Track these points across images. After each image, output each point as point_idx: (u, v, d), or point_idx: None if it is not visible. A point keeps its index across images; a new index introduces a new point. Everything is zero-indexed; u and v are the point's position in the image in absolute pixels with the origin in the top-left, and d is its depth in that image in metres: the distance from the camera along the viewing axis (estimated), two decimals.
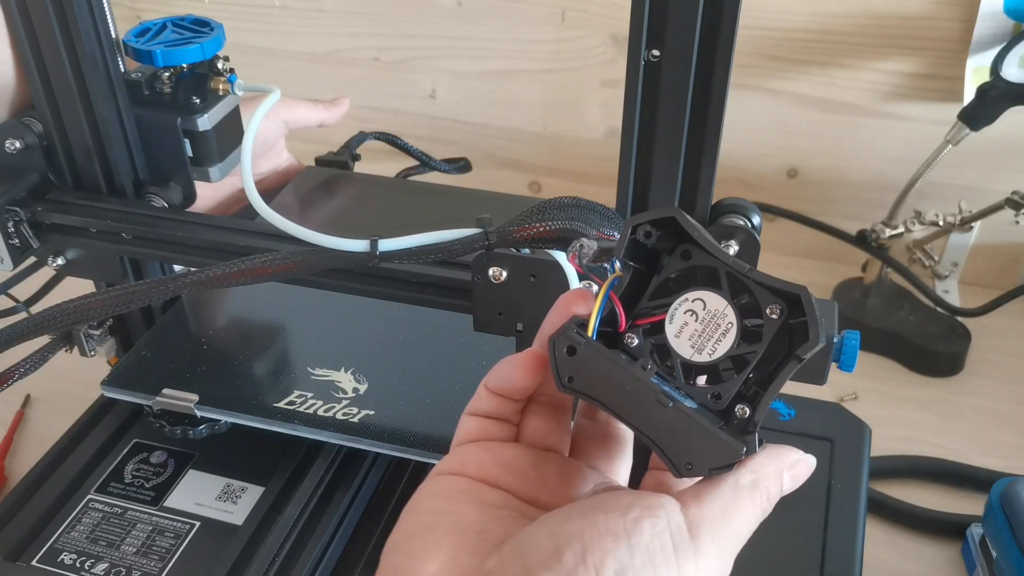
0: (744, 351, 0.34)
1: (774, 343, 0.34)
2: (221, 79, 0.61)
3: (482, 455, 0.36)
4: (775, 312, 0.34)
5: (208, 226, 0.57)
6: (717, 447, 0.32)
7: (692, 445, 0.32)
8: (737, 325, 0.34)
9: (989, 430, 0.79)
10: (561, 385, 0.34)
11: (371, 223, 0.70)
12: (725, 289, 0.35)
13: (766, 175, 0.96)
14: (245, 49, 1.05)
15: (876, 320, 0.87)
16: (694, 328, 0.35)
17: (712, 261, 0.35)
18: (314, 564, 0.55)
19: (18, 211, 0.58)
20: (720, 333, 0.34)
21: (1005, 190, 0.81)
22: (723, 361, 0.34)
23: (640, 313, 0.36)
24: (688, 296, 0.35)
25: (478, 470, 0.36)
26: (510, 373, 0.36)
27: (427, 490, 0.36)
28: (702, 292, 0.35)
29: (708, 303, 0.35)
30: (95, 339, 0.65)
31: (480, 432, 0.37)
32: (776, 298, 0.34)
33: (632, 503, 0.32)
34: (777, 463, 0.34)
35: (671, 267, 0.36)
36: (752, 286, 0.34)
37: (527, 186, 1.06)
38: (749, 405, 0.34)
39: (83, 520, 0.58)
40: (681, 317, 0.35)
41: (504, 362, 0.37)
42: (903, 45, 0.86)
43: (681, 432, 0.33)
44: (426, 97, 1.04)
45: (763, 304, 0.34)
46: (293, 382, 0.61)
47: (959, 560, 0.68)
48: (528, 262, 0.48)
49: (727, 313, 0.34)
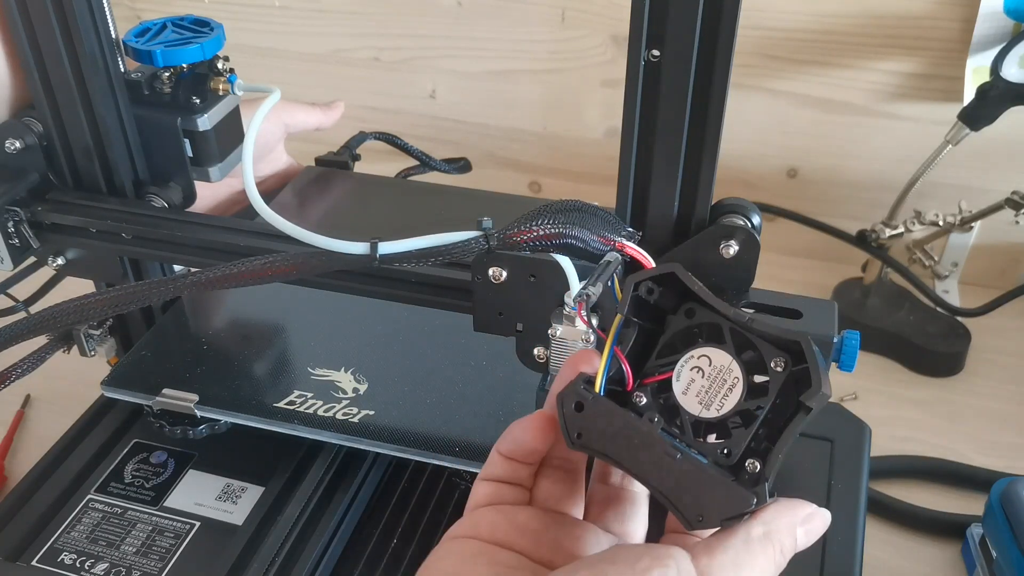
0: (752, 405, 0.34)
1: (782, 395, 0.34)
2: (221, 79, 0.61)
3: (495, 518, 0.36)
4: (779, 365, 0.34)
5: (208, 226, 0.57)
6: (727, 497, 0.32)
7: (702, 496, 0.33)
8: (743, 380, 0.35)
9: (989, 430, 0.79)
10: (570, 441, 0.34)
11: (371, 223, 0.70)
12: (729, 345, 0.35)
13: (766, 175, 0.96)
14: (245, 49, 1.05)
15: (876, 320, 0.87)
16: (701, 384, 0.35)
17: (715, 318, 0.35)
18: (314, 564, 0.55)
19: (18, 211, 0.58)
20: (727, 388, 0.35)
21: (1005, 190, 0.81)
22: (731, 416, 0.35)
23: (647, 372, 0.37)
24: (694, 353, 0.35)
25: (491, 532, 0.36)
26: (520, 435, 0.37)
27: (441, 552, 0.36)
28: (707, 349, 0.35)
29: (714, 359, 0.35)
30: (95, 339, 0.65)
31: (493, 497, 0.37)
32: (780, 351, 0.34)
33: (642, 554, 0.32)
34: (790, 516, 0.34)
35: (676, 325, 0.36)
36: (756, 340, 0.35)
37: (527, 186, 1.06)
38: (760, 459, 0.33)
39: (83, 520, 0.58)
40: (688, 374, 0.35)
41: (514, 425, 0.37)
42: (903, 45, 0.86)
43: (691, 483, 0.33)
44: (426, 97, 1.04)
45: (767, 358, 0.34)
46: (293, 382, 0.61)
47: (959, 560, 0.68)
48: (528, 262, 0.48)
49: (733, 368, 0.35)
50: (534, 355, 0.51)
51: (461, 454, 0.56)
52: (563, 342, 0.48)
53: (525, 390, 0.58)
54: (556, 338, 0.48)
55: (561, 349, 0.49)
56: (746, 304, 0.51)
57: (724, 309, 0.35)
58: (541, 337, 0.49)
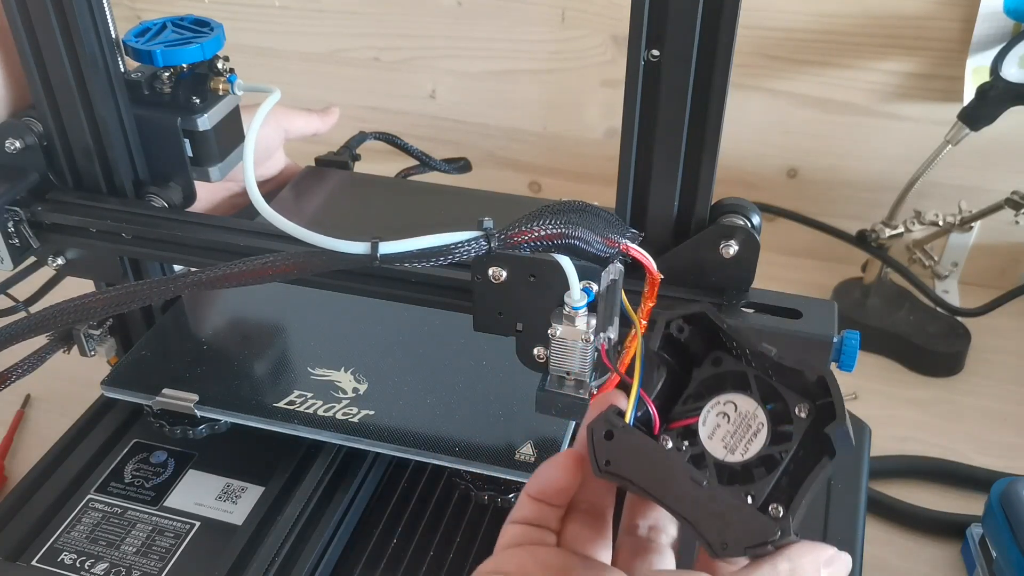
0: (776, 451, 0.35)
1: (806, 440, 0.35)
2: (221, 79, 0.61)
3: (523, 557, 0.36)
4: (803, 411, 0.35)
5: (208, 226, 0.57)
6: (752, 525, 0.33)
7: (727, 523, 0.33)
8: (768, 425, 0.35)
9: (989, 430, 0.79)
10: (598, 469, 0.35)
11: (371, 223, 0.70)
12: (755, 392, 0.36)
13: (766, 175, 0.96)
14: (245, 49, 1.05)
15: (876, 320, 0.87)
16: (726, 429, 0.36)
17: (740, 367, 0.36)
18: (314, 564, 0.55)
19: (18, 211, 0.58)
20: (752, 433, 0.36)
21: (1005, 190, 0.81)
22: (755, 461, 0.35)
23: (674, 417, 0.38)
24: (720, 399, 0.36)
25: (520, 571, 0.36)
26: (550, 473, 0.37)
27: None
28: (734, 395, 0.36)
29: (739, 405, 0.36)
30: (95, 339, 0.65)
31: (521, 538, 0.37)
32: (804, 397, 0.35)
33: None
34: (814, 555, 0.34)
35: (703, 373, 0.38)
36: (780, 389, 0.36)
37: (527, 186, 1.06)
38: (783, 504, 0.34)
39: (83, 520, 0.58)
40: (713, 419, 0.36)
41: (543, 465, 0.38)
42: (903, 45, 0.86)
43: (716, 511, 0.33)
44: (426, 97, 1.04)
45: (791, 404, 0.35)
46: (293, 382, 0.61)
47: (959, 560, 0.68)
48: (528, 262, 0.48)
49: (758, 414, 0.36)
50: (534, 355, 0.51)
51: (461, 454, 0.56)
52: (563, 342, 0.48)
53: (525, 390, 0.58)
54: (556, 338, 0.48)
55: (561, 349, 0.49)
56: (746, 304, 0.51)
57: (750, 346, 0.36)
58: (541, 337, 0.49)
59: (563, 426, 0.57)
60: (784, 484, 0.35)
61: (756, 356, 0.36)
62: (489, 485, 0.59)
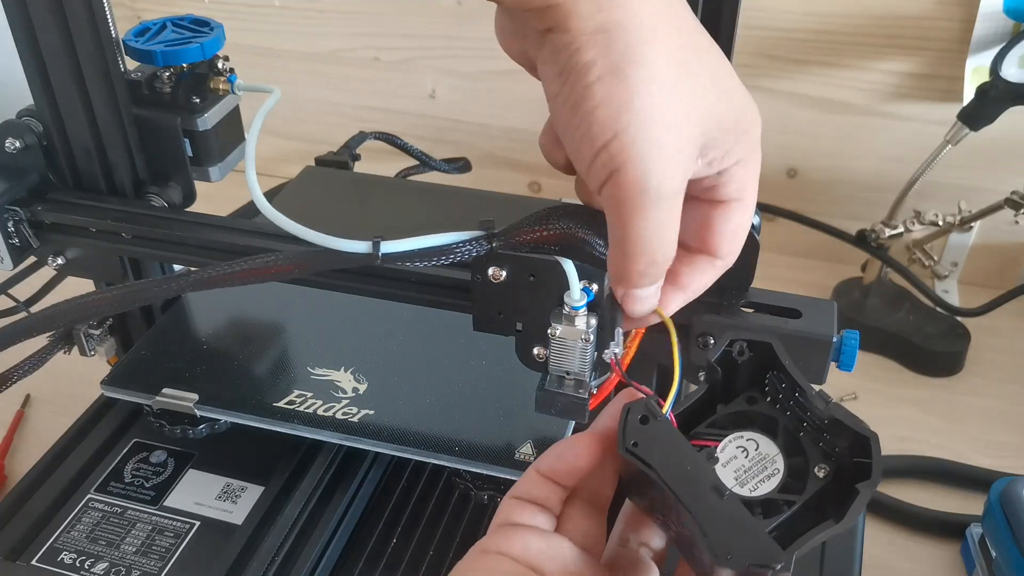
0: (782, 498, 0.36)
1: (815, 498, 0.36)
2: (221, 79, 0.61)
3: (528, 538, 0.36)
4: (822, 471, 0.36)
5: (208, 226, 0.57)
6: (761, 545, 0.33)
7: (737, 537, 0.33)
8: (783, 474, 0.36)
9: (989, 430, 0.79)
10: (624, 447, 0.35)
11: (371, 223, 0.70)
12: (780, 439, 0.37)
13: (766, 175, 0.95)
14: (245, 49, 1.05)
15: (876, 320, 0.87)
16: (742, 463, 0.37)
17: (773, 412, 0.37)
18: (314, 564, 0.55)
19: (18, 211, 0.58)
20: (766, 475, 0.36)
21: (1005, 190, 0.81)
22: (758, 501, 0.36)
23: (695, 435, 0.38)
24: (745, 434, 0.37)
25: (523, 553, 0.36)
26: (566, 451, 0.37)
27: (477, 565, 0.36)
28: (758, 435, 0.37)
29: (761, 446, 0.37)
30: (95, 339, 0.65)
31: (522, 516, 0.37)
32: (826, 458, 0.36)
33: None
34: None
35: (734, 407, 0.38)
36: (806, 445, 0.36)
37: (527, 186, 1.06)
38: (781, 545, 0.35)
39: (83, 520, 0.58)
40: (733, 450, 0.37)
41: (558, 444, 0.38)
42: (903, 45, 0.86)
43: (730, 522, 0.34)
44: (426, 97, 1.04)
45: (812, 463, 0.36)
46: (293, 382, 0.61)
47: (958, 560, 0.68)
48: (528, 262, 0.48)
49: (776, 460, 0.37)
50: (534, 355, 0.51)
51: (461, 454, 0.56)
52: (563, 342, 0.48)
53: (525, 390, 0.58)
54: (556, 338, 0.48)
55: (561, 349, 0.49)
56: (746, 304, 0.51)
57: (805, 388, 0.36)
58: (541, 337, 0.49)
59: (563, 426, 0.57)
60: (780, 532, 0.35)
61: (807, 399, 0.36)
62: (489, 485, 0.59)
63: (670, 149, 0.34)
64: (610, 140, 0.34)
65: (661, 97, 0.34)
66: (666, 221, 0.36)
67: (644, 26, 0.34)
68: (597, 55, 0.33)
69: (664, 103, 0.34)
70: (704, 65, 0.36)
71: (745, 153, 0.38)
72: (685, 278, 0.41)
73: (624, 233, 0.36)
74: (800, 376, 0.36)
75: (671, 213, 0.36)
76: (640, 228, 0.36)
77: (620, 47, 0.33)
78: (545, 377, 0.51)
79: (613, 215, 0.36)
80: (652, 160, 0.34)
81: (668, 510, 0.35)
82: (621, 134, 0.34)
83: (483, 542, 0.37)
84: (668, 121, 0.34)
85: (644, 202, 0.35)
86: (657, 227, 0.36)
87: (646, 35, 0.34)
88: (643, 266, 0.37)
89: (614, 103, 0.33)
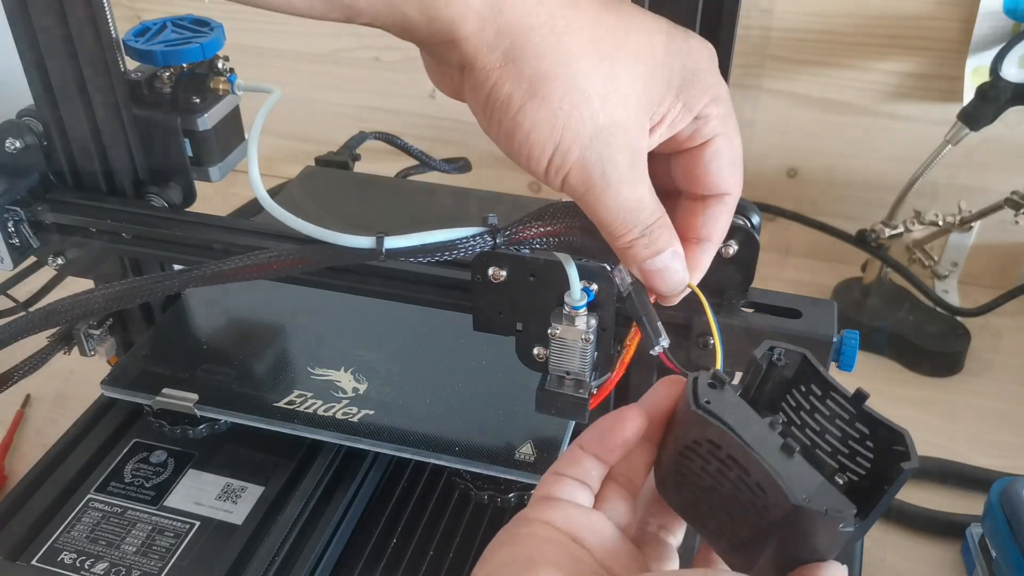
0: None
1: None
2: (221, 79, 0.61)
3: (570, 509, 0.37)
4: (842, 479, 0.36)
5: (208, 226, 0.57)
6: (832, 496, 0.33)
7: (809, 485, 0.33)
8: None
9: (989, 430, 0.79)
10: (695, 402, 0.35)
11: (371, 223, 0.70)
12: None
13: (766, 175, 0.96)
14: (245, 49, 1.05)
15: (876, 320, 0.87)
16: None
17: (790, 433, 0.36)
18: (314, 564, 0.55)
19: (18, 211, 0.58)
20: None
21: (1005, 190, 0.81)
22: None
23: None
24: None
25: (565, 522, 0.36)
26: (611, 425, 0.37)
27: (513, 533, 0.36)
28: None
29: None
30: (95, 339, 0.65)
31: (563, 491, 0.38)
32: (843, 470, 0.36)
33: None
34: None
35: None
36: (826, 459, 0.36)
37: (527, 186, 1.06)
38: None
39: (83, 520, 0.58)
40: None
41: (604, 418, 0.38)
42: (903, 45, 0.86)
43: (801, 475, 0.33)
44: (426, 97, 1.04)
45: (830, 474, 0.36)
46: (293, 382, 0.61)
47: (959, 560, 0.68)
48: (528, 262, 0.48)
49: None
50: (534, 355, 0.51)
51: (461, 454, 0.56)
52: (563, 341, 0.48)
53: (525, 390, 0.58)
54: (556, 338, 0.48)
55: (561, 349, 0.49)
56: (746, 304, 0.51)
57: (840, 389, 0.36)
58: (541, 337, 0.49)
59: (563, 426, 0.57)
60: None
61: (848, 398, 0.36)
62: (489, 485, 0.59)
63: (612, 135, 0.37)
64: (552, 155, 0.37)
65: (585, 97, 0.36)
66: (632, 189, 0.38)
67: (547, 41, 0.35)
68: (512, 87, 0.36)
69: (591, 98, 0.36)
70: (622, 40, 0.37)
71: (709, 90, 0.39)
72: (704, 228, 0.42)
73: (599, 218, 0.39)
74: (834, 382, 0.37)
75: (632, 178, 0.38)
76: (612, 207, 0.38)
77: (529, 71, 0.35)
78: (545, 377, 0.51)
79: (582, 207, 0.39)
80: (593, 155, 0.37)
81: (723, 477, 0.35)
82: (560, 146, 0.36)
83: (525, 512, 0.37)
84: (601, 112, 0.36)
85: (603, 187, 0.38)
86: (625, 199, 0.38)
87: (551, 47, 0.35)
88: (636, 234, 0.39)
89: (543, 125, 0.36)
